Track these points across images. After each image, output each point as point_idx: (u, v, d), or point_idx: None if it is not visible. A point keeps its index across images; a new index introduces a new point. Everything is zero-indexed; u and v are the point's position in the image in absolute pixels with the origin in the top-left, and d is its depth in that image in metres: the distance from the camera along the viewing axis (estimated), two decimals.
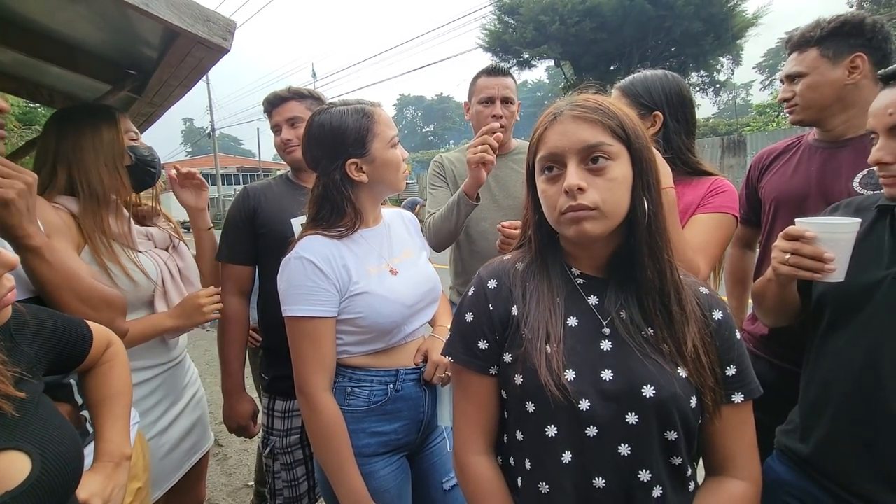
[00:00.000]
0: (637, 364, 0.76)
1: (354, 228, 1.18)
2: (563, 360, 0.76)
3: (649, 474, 0.74)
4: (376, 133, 1.14)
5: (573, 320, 0.80)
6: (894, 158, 0.91)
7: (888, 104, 0.92)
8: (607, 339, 0.78)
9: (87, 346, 0.87)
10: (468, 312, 0.87)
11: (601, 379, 0.75)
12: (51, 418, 0.69)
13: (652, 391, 0.73)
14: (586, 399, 0.74)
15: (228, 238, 1.58)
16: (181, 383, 1.46)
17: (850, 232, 0.92)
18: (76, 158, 1.25)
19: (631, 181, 0.77)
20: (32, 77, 1.81)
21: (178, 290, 1.40)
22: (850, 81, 1.30)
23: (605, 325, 0.79)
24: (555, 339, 0.77)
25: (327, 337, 1.10)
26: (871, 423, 0.90)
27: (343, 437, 1.09)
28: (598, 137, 0.76)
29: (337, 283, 1.10)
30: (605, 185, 0.75)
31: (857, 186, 1.28)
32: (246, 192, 1.61)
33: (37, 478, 0.61)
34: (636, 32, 16.29)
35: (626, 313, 0.80)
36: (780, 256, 0.97)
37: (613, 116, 0.77)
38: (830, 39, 1.32)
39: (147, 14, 1.03)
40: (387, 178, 1.18)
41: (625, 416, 0.74)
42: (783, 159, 1.50)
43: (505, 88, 1.83)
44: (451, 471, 1.24)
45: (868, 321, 0.92)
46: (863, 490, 0.90)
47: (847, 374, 0.94)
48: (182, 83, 1.55)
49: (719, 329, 0.80)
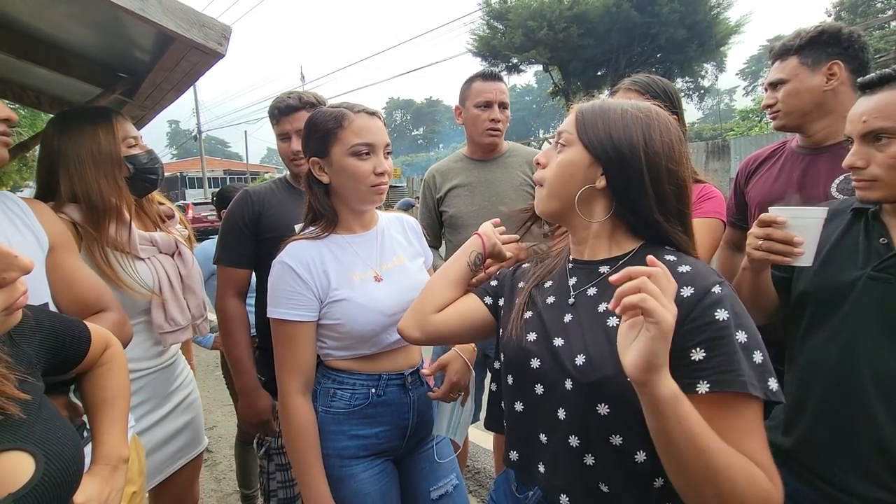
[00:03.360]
0: (579, 334, 0.80)
1: (330, 230, 1.19)
2: (529, 326, 0.88)
3: (577, 440, 0.77)
4: (339, 138, 1.13)
5: (551, 298, 0.89)
6: (866, 164, 0.96)
7: (863, 111, 0.96)
8: (569, 313, 0.85)
9: (86, 346, 0.86)
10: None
11: (553, 344, 0.83)
12: (53, 419, 0.70)
13: (582, 359, 0.77)
14: (537, 359, 0.84)
15: (229, 241, 1.56)
16: (169, 387, 1.44)
17: (818, 218, 0.99)
18: (75, 171, 1.24)
19: (582, 170, 0.82)
20: (18, 79, 1.79)
21: (177, 300, 1.39)
22: (828, 88, 1.35)
23: (572, 297, 0.86)
24: (533, 310, 0.90)
25: (304, 340, 1.12)
26: (848, 418, 0.94)
27: (310, 440, 1.10)
28: (567, 126, 0.85)
29: (315, 289, 1.12)
30: (553, 164, 0.86)
31: (834, 191, 1.32)
32: (248, 195, 1.58)
33: (40, 479, 0.61)
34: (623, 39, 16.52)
35: (593, 290, 0.84)
36: (754, 242, 1.04)
37: (593, 113, 0.83)
38: (809, 48, 1.37)
39: (142, 19, 1.03)
40: (346, 186, 1.16)
41: (563, 382, 0.79)
42: (768, 164, 1.55)
43: (502, 93, 1.87)
44: (441, 478, 1.24)
45: (844, 319, 0.97)
46: (842, 482, 0.94)
47: (826, 370, 0.98)
48: (175, 87, 1.55)
49: (681, 305, 0.68)
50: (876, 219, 1.00)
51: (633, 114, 0.81)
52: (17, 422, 0.63)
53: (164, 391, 1.43)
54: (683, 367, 0.67)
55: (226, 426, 3.31)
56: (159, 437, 1.40)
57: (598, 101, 0.86)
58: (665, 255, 0.79)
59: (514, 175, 1.90)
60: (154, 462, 1.38)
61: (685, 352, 0.68)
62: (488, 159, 1.95)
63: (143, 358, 1.35)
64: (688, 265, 0.77)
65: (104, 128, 1.28)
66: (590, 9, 15.96)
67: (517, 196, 1.86)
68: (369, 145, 1.14)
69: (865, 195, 0.98)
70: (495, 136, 1.88)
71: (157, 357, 1.40)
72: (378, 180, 1.15)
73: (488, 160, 1.95)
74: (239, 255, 1.56)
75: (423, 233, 1.41)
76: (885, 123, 0.92)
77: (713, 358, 0.67)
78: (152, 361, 1.38)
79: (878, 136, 0.94)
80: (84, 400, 0.91)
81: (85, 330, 0.88)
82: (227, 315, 1.52)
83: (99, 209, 1.25)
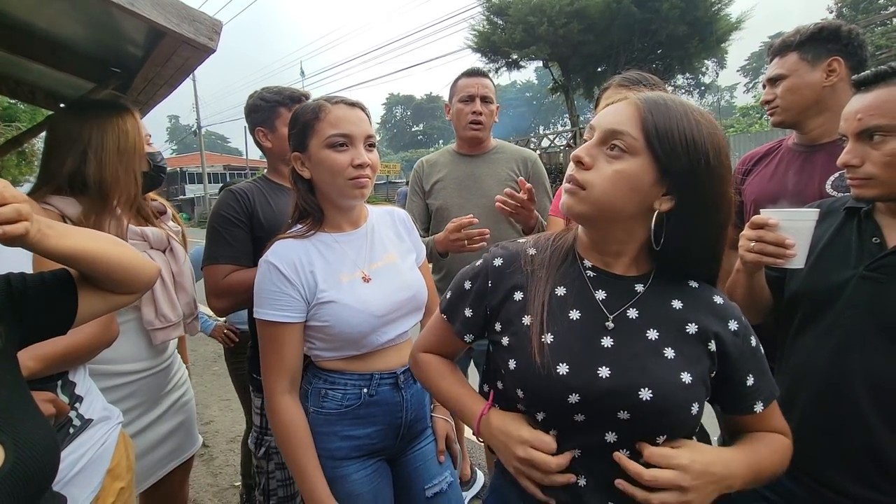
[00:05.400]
0: (636, 365, 0.72)
1: (317, 229, 1.16)
2: (558, 353, 0.74)
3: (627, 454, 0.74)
4: (316, 130, 1.10)
5: (575, 313, 0.77)
6: (861, 162, 0.95)
7: (858, 109, 0.96)
8: (609, 336, 0.75)
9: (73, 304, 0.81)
10: (467, 280, 0.89)
11: (597, 375, 0.72)
12: (24, 406, 0.66)
13: (649, 394, 0.70)
14: (576, 394, 0.72)
15: (224, 239, 1.46)
16: (162, 389, 1.42)
17: (810, 220, 0.97)
18: (95, 158, 1.20)
19: (645, 186, 0.71)
20: (14, 74, 1.79)
21: (168, 296, 1.37)
22: (828, 84, 1.35)
23: (611, 320, 0.76)
24: (554, 332, 0.76)
25: (290, 341, 1.10)
26: (839, 418, 0.94)
27: (301, 438, 1.09)
28: (625, 126, 0.71)
29: (302, 290, 1.09)
30: (606, 171, 0.71)
31: (829, 189, 1.32)
32: (238, 193, 1.50)
33: (10, 468, 0.58)
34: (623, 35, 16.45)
35: (634, 312, 0.77)
36: (746, 244, 1.03)
37: (663, 116, 0.70)
38: (809, 44, 1.37)
39: (132, 13, 1.03)
40: (324, 181, 1.12)
41: (617, 413, 0.72)
42: (764, 163, 1.54)
43: (484, 88, 1.93)
44: (435, 476, 1.23)
45: (836, 319, 0.96)
46: (831, 480, 0.94)
47: (816, 369, 0.98)
48: (168, 82, 1.54)
49: (735, 339, 0.76)
50: (869, 218, 1.00)
51: (705, 124, 0.71)
52: None
53: (156, 394, 1.40)
54: (741, 393, 0.77)
55: (222, 421, 3.32)
56: (150, 441, 1.38)
57: (662, 98, 0.72)
58: (690, 283, 0.81)
59: (500, 171, 1.98)
60: (144, 465, 1.35)
61: (742, 380, 0.77)
62: (475, 155, 2.02)
63: (136, 358, 1.33)
64: (718, 296, 0.80)
65: (130, 121, 1.27)
66: (590, 4, 15.88)
67: (501, 189, 1.90)
68: (346, 136, 1.10)
69: (860, 193, 0.97)
70: (477, 129, 1.94)
71: (152, 358, 1.37)
72: (356, 173, 1.10)
73: (475, 156, 2.02)
74: (243, 253, 1.48)
75: (414, 225, 1.37)
76: (880, 121, 0.92)
77: (759, 379, 0.77)
78: (147, 363, 1.36)
79: (873, 134, 0.93)
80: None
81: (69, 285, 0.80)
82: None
83: (109, 195, 1.23)
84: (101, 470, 1.04)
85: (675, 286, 0.80)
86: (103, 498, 1.03)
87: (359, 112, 1.14)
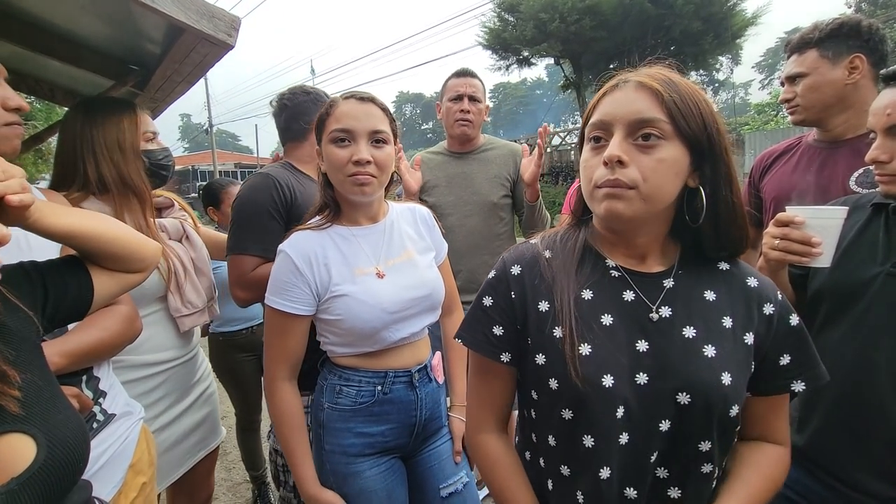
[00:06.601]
0: (671, 367, 0.69)
1: (334, 221, 1.17)
2: (600, 364, 0.70)
3: (666, 472, 0.72)
4: (326, 125, 1.13)
5: (608, 318, 0.73)
6: (890, 157, 0.93)
7: (887, 104, 0.93)
8: (642, 339, 0.71)
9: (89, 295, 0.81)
10: (486, 296, 0.81)
11: (636, 383, 0.69)
12: (54, 399, 0.66)
13: (687, 399, 0.67)
14: (622, 406, 0.68)
15: (257, 230, 1.38)
16: (191, 379, 1.46)
17: (838, 218, 0.95)
18: (103, 157, 1.24)
19: (684, 168, 0.69)
20: (33, 72, 1.81)
21: (192, 284, 1.40)
22: (850, 81, 1.32)
23: (644, 322, 0.72)
24: (590, 341, 0.71)
25: (295, 332, 1.12)
26: (863, 416, 0.92)
27: (294, 425, 1.12)
28: (653, 112, 0.67)
29: (314, 283, 1.10)
30: (650, 163, 0.67)
31: (853, 185, 1.29)
32: (275, 180, 1.40)
33: (42, 462, 0.58)
34: (636, 31, 16.26)
35: (667, 310, 0.73)
36: (770, 242, 1.01)
37: (679, 94, 0.68)
38: (829, 41, 1.34)
39: (152, 9, 1.04)
40: (330, 175, 1.13)
41: (658, 424, 0.69)
42: (783, 159, 1.52)
43: (472, 87, 1.98)
44: (451, 476, 1.22)
45: (862, 316, 0.95)
46: (855, 480, 0.93)
47: (841, 367, 0.96)
48: (185, 79, 1.55)
49: (769, 325, 0.74)
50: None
51: (695, 90, 0.71)
52: (16, 402, 0.59)
53: (185, 384, 1.44)
54: (774, 372, 0.75)
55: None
56: (180, 431, 1.41)
57: (666, 75, 0.71)
58: (720, 265, 0.78)
59: (490, 167, 2.02)
60: (174, 456, 1.39)
61: (775, 359, 0.75)
62: (465, 153, 2.06)
63: (166, 347, 1.35)
64: (753, 277, 0.78)
65: (128, 118, 1.30)
66: (602, 1, 15.71)
67: (492, 187, 1.99)
68: (346, 131, 1.08)
69: (889, 189, 0.96)
70: (464, 126, 1.98)
71: (181, 347, 1.41)
72: (355, 170, 1.07)
73: (465, 154, 2.06)
74: (269, 244, 1.33)
75: (436, 223, 1.35)
76: None
77: (798, 358, 0.75)
78: (175, 351, 1.39)
79: None
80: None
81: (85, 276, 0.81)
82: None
83: (133, 191, 1.27)
84: (124, 465, 1.05)
85: (706, 273, 0.77)
86: (126, 493, 1.04)
87: (368, 107, 1.11)
